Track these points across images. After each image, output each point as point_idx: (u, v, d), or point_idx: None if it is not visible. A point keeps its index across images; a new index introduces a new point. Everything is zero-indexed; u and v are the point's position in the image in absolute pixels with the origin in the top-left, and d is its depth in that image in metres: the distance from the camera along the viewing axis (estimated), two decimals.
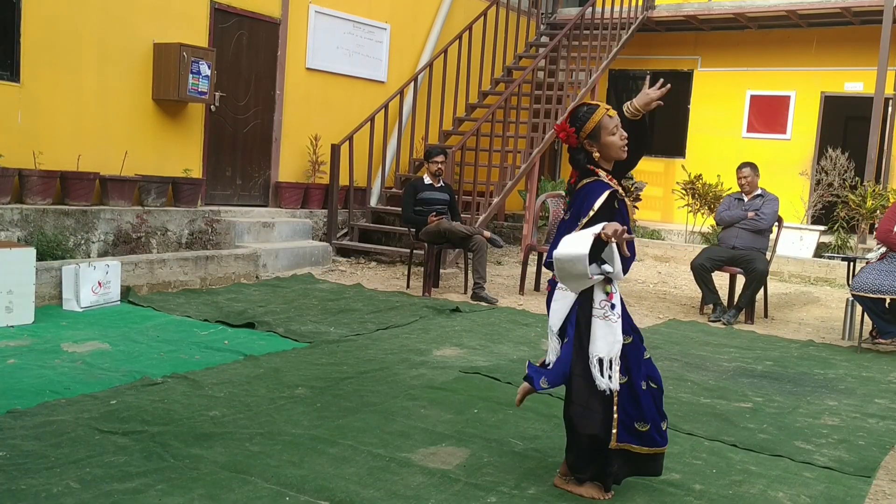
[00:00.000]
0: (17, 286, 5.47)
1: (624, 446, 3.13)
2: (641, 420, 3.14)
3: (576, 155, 3.25)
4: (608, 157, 3.23)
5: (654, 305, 7.88)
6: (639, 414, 3.14)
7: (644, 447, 3.15)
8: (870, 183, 10.23)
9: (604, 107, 3.26)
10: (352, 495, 3.06)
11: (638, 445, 3.14)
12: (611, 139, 3.20)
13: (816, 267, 9.79)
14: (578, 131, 3.22)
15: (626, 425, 3.13)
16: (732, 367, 5.55)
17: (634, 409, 3.14)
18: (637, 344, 3.21)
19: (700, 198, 10.95)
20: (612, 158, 3.24)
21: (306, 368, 4.81)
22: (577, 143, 3.23)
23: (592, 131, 3.20)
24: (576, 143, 3.23)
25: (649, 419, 3.15)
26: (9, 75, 6.96)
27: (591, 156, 3.23)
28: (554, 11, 13.33)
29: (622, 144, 3.22)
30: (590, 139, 3.21)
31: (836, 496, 3.39)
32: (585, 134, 3.21)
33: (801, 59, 12.10)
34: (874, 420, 4.49)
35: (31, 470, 3.12)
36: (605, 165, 3.24)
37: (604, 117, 3.21)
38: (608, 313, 3.11)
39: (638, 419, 3.14)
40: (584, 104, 3.33)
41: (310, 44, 9.62)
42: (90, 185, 7.23)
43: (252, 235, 8.46)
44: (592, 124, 3.20)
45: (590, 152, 3.22)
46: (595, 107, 3.26)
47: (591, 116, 3.21)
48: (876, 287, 6.14)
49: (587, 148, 3.22)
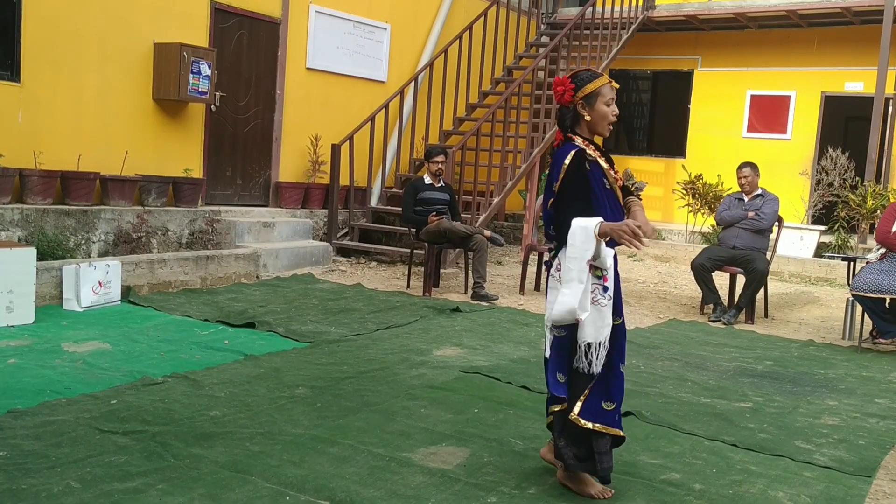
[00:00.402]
0: (18, 286, 5.48)
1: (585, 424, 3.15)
2: (608, 400, 3.19)
3: (564, 114, 3.26)
4: (594, 127, 3.25)
5: (654, 305, 7.88)
6: (608, 395, 3.18)
7: (605, 426, 3.17)
8: (870, 183, 10.22)
9: (608, 78, 3.27)
10: (352, 495, 3.06)
11: (601, 424, 3.16)
12: (604, 108, 3.22)
13: (817, 267, 9.79)
14: (577, 90, 3.21)
15: (593, 403, 3.16)
16: (733, 367, 5.55)
17: (605, 390, 3.18)
18: (623, 324, 3.26)
19: (700, 198, 10.95)
20: (597, 130, 3.26)
21: (307, 368, 4.82)
22: (570, 101, 3.23)
23: (590, 94, 3.21)
24: (570, 100, 3.23)
25: (615, 400, 3.20)
26: (9, 75, 6.96)
27: (577, 120, 3.24)
28: (554, 11, 13.33)
29: (612, 119, 3.24)
30: (585, 101, 3.21)
31: (837, 496, 3.39)
32: (583, 94, 3.21)
33: (802, 59, 12.10)
34: (874, 420, 4.49)
35: (31, 470, 3.12)
36: (585, 134, 3.26)
37: (605, 85, 3.23)
38: (599, 297, 3.12)
39: (606, 399, 3.19)
40: (588, 69, 3.35)
41: (310, 44, 9.63)
42: (91, 185, 7.23)
43: (252, 235, 8.46)
44: (593, 87, 3.21)
45: (579, 115, 3.23)
46: (599, 74, 3.27)
47: (594, 80, 3.22)
48: (876, 287, 6.14)
49: (578, 110, 3.23)
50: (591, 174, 3.15)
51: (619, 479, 3.41)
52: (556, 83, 3.28)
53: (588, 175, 3.14)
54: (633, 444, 3.85)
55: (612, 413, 3.18)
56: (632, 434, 3.99)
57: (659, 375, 5.20)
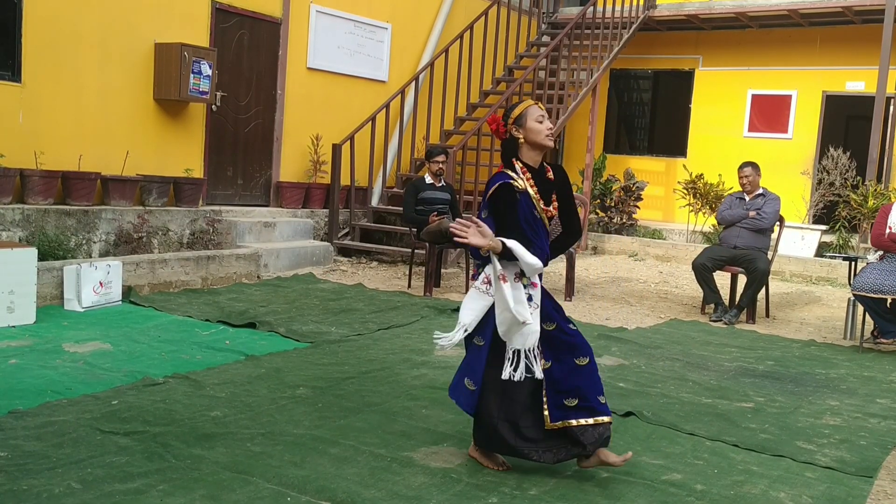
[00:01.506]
0: (19, 286, 5.48)
1: (560, 424, 3.32)
2: (569, 396, 3.34)
3: (506, 147, 3.49)
4: (534, 143, 3.44)
5: (655, 305, 7.88)
6: (567, 391, 3.34)
7: (582, 419, 3.32)
8: (871, 182, 10.22)
9: (533, 101, 3.53)
10: (353, 495, 3.06)
11: (575, 419, 3.32)
12: (536, 124, 3.42)
13: (818, 266, 9.78)
14: (506, 118, 3.47)
15: (556, 404, 3.34)
16: (734, 367, 5.55)
17: (562, 388, 3.34)
18: (562, 328, 3.40)
19: (701, 197, 10.94)
20: (538, 145, 3.45)
21: (308, 368, 4.81)
22: (504, 132, 3.47)
23: (518, 116, 3.44)
24: (504, 132, 3.47)
25: (577, 394, 3.34)
26: (10, 75, 6.96)
27: (517, 145, 3.44)
28: (555, 11, 13.33)
29: (546, 132, 3.43)
30: (516, 124, 3.44)
31: (838, 496, 3.38)
32: (512, 119, 3.45)
33: (803, 59, 12.09)
34: (876, 420, 4.49)
35: (32, 470, 3.12)
36: (530, 154, 3.45)
37: (531, 106, 3.47)
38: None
39: (567, 396, 3.34)
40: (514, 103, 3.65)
41: (311, 43, 9.62)
42: (91, 185, 7.23)
43: (253, 235, 8.46)
44: (519, 110, 3.46)
45: (516, 139, 3.44)
46: (523, 101, 3.56)
47: (519, 105, 3.49)
48: (877, 287, 6.13)
49: (514, 134, 3.44)
50: (519, 205, 3.37)
51: (620, 479, 3.41)
52: (489, 122, 3.52)
53: (516, 205, 3.36)
54: (635, 444, 3.85)
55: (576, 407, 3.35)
56: (633, 434, 3.99)
57: (660, 375, 5.20)
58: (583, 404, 3.34)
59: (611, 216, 11.75)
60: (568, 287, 7.85)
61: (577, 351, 3.39)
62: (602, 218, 11.86)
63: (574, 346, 3.39)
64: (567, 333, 3.41)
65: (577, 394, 3.34)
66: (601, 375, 4.81)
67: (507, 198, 3.35)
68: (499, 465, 3.45)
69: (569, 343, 3.39)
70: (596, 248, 11.21)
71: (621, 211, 11.69)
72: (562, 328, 3.40)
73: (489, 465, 3.44)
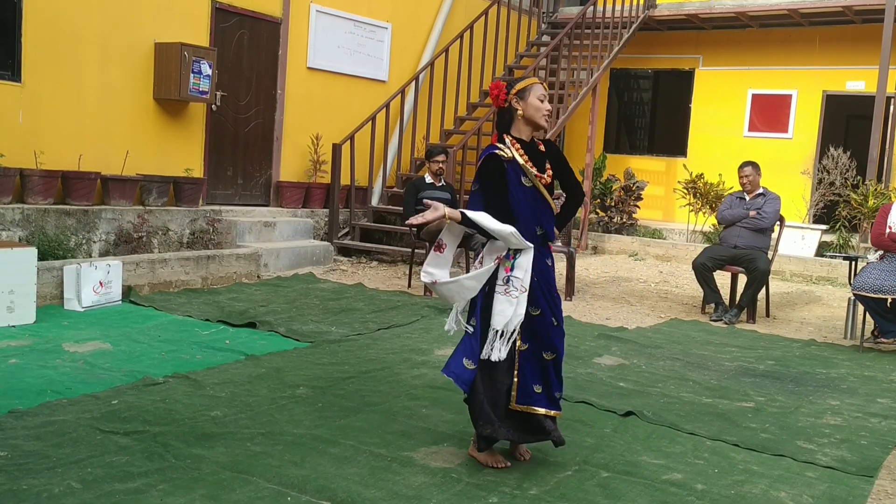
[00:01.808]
0: (19, 286, 5.48)
1: (524, 408, 3.46)
2: (537, 383, 3.47)
3: (501, 115, 3.56)
4: (531, 120, 3.51)
5: (655, 305, 7.88)
6: (535, 378, 3.46)
7: (541, 408, 3.46)
8: (871, 182, 10.21)
9: (539, 80, 3.60)
10: (353, 495, 3.06)
11: (536, 406, 3.46)
12: (537, 101, 3.50)
13: (818, 266, 9.78)
14: (509, 88, 3.51)
15: (525, 389, 3.46)
16: (734, 367, 5.54)
17: (532, 374, 3.46)
18: (546, 316, 3.46)
19: (701, 197, 10.94)
20: (533, 122, 3.52)
21: (308, 368, 4.81)
22: (505, 101, 3.52)
23: (522, 90, 3.50)
24: (504, 100, 3.52)
25: (543, 383, 3.47)
26: (10, 75, 6.96)
27: (513, 118, 3.51)
28: (555, 10, 13.33)
29: (545, 112, 3.52)
30: (518, 96, 3.50)
31: (839, 496, 3.38)
32: (515, 91, 3.50)
33: (803, 58, 12.09)
34: (876, 419, 4.49)
35: (32, 470, 3.12)
36: (524, 130, 3.53)
37: (537, 84, 3.54)
38: (509, 289, 3.40)
39: (535, 382, 3.47)
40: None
41: (311, 43, 9.62)
42: (91, 185, 7.23)
43: (253, 235, 8.46)
44: (524, 84, 3.51)
45: (514, 110, 3.50)
46: (529, 77, 3.71)
47: (526, 79, 3.56)
48: (878, 287, 6.13)
49: (513, 105, 3.50)
50: (507, 174, 3.43)
51: (621, 479, 3.41)
52: (491, 87, 3.56)
53: (504, 174, 3.42)
54: (635, 443, 3.85)
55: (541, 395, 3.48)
56: (633, 434, 3.99)
57: (660, 375, 5.19)
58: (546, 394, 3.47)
59: (611, 216, 11.75)
60: (568, 287, 7.85)
61: (549, 346, 3.48)
62: (602, 218, 11.86)
63: (549, 340, 3.47)
64: (548, 325, 3.47)
65: (542, 383, 3.47)
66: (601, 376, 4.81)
67: (493, 168, 3.43)
68: (499, 462, 3.46)
69: (545, 335, 3.47)
70: (596, 248, 11.20)
71: (621, 211, 11.69)
72: (545, 318, 3.46)
73: (490, 464, 3.45)
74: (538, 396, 3.46)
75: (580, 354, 5.58)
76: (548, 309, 3.46)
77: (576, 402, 4.42)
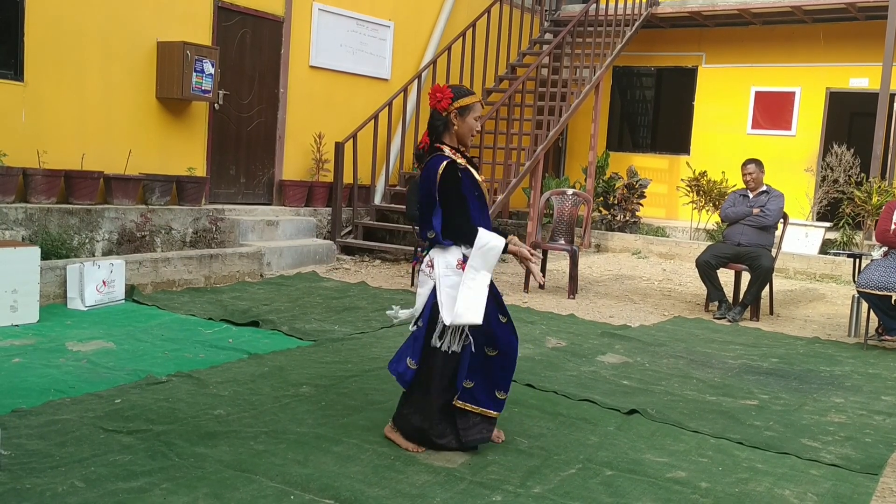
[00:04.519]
0: (22, 285, 5.48)
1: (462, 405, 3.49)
2: (467, 378, 3.50)
3: (436, 121, 3.60)
4: (462, 137, 3.61)
5: (658, 302, 7.87)
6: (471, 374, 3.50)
7: (478, 407, 3.51)
8: (875, 179, 10.20)
9: (479, 98, 3.67)
10: (357, 494, 3.05)
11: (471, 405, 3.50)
12: (473, 122, 3.60)
13: (822, 263, 9.76)
14: (454, 100, 3.56)
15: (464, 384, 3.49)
16: (738, 365, 5.53)
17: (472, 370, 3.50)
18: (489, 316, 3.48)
19: (705, 194, 10.93)
20: (463, 140, 3.62)
21: (311, 367, 4.81)
22: (445, 109, 3.56)
23: (464, 107, 3.57)
24: (445, 108, 3.56)
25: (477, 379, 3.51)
26: (13, 74, 6.96)
27: (447, 128, 3.57)
28: (558, 8, 13.31)
29: (475, 133, 3.63)
30: (459, 112, 3.56)
31: (843, 493, 3.37)
32: (458, 105, 3.56)
33: (806, 55, 12.06)
34: (881, 417, 4.48)
35: (35, 469, 3.12)
36: (452, 142, 3.60)
37: (478, 102, 3.62)
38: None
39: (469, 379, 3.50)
40: (463, 86, 3.75)
41: (313, 42, 9.61)
42: (94, 184, 7.23)
43: (256, 234, 8.46)
44: (468, 101, 3.58)
45: (450, 123, 3.57)
46: (473, 92, 3.68)
47: (470, 96, 3.60)
48: (882, 284, 6.11)
49: (451, 118, 3.56)
50: (462, 183, 3.50)
51: (625, 477, 3.40)
52: (434, 90, 3.59)
53: (460, 183, 3.49)
54: (639, 441, 3.85)
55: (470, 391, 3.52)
56: (637, 432, 3.98)
57: (664, 373, 5.19)
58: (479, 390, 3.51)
59: (614, 214, 11.74)
60: (571, 285, 7.84)
61: (493, 341, 3.51)
62: (605, 216, 11.85)
63: (492, 335, 3.51)
64: (491, 324, 3.50)
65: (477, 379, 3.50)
66: (605, 374, 4.79)
67: (454, 176, 3.48)
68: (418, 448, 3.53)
69: (488, 332, 3.50)
70: (599, 246, 11.19)
71: (624, 208, 11.68)
72: (489, 317, 3.49)
73: (410, 449, 3.52)
74: (467, 392, 3.49)
75: (583, 352, 5.58)
76: (493, 308, 3.52)
77: (579, 399, 4.42)
